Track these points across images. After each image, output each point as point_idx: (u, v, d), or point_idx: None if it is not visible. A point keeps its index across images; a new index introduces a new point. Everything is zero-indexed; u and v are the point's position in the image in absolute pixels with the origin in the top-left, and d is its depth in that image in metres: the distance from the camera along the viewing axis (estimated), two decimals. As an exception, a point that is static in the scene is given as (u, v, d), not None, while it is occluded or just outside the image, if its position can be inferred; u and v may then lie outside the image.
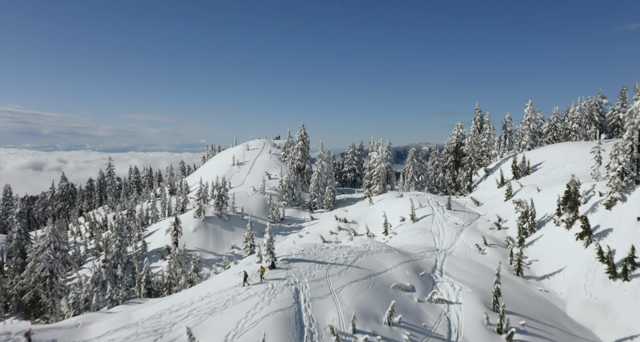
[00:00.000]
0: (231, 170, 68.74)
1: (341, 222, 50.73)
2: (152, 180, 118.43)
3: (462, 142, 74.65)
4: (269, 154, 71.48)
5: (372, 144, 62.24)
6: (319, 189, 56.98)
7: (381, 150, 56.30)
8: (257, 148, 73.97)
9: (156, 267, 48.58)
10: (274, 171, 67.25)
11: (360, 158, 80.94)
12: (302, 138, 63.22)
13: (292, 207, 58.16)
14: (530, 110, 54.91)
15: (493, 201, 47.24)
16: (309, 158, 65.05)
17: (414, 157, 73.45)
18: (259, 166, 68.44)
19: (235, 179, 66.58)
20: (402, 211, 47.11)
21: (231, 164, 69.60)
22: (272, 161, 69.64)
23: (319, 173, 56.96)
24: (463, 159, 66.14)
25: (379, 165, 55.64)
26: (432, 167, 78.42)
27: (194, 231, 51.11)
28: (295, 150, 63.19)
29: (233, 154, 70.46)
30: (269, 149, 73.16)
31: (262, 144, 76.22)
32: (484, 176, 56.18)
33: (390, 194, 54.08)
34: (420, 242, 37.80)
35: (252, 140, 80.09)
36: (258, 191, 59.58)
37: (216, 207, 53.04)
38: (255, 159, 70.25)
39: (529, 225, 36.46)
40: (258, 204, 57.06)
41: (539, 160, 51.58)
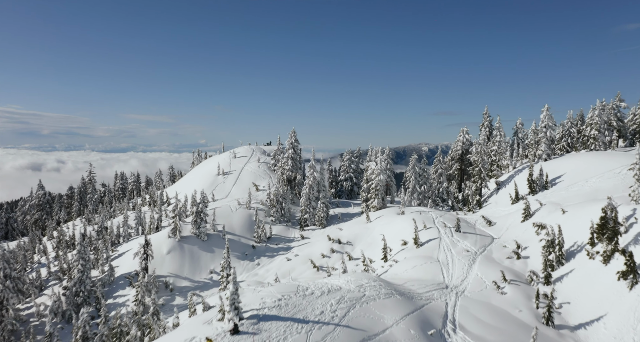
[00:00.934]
0: (216, 180, 62.72)
1: (334, 243, 44.76)
2: (139, 187, 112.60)
3: (468, 149, 68.78)
4: (258, 163, 65.41)
5: (370, 153, 56.23)
6: (310, 204, 50.99)
7: (380, 160, 50.33)
8: (245, 156, 67.90)
9: (123, 295, 42.62)
10: (262, 181, 61.22)
11: (357, 166, 75.00)
12: (292, 146, 57.22)
13: (280, 223, 52.16)
14: (547, 116, 48.98)
15: (507, 221, 41.30)
16: (300, 168, 59.09)
17: (416, 165, 67.57)
18: (246, 176, 62.44)
19: (220, 190, 60.59)
20: (403, 232, 41.15)
21: (216, 173, 63.59)
22: (260, 170, 63.62)
23: (310, 186, 50.98)
24: (470, 169, 60.15)
25: (378, 178, 49.68)
26: (435, 175, 72.48)
27: (167, 253, 45.13)
28: (285, 159, 57.22)
29: (218, 162, 64.39)
30: (257, 156, 67.06)
31: (251, 151, 70.14)
32: (495, 189, 50.23)
33: (390, 211, 48.11)
34: (426, 276, 31.83)
35: (240, 147, 73.94)
36: (243, 205, 53.58)
37: (194, 225, 47.05)
38: (242, 168, 64.23)
39: (555, 256, 30.52)
40: (243, 220, 51.06)
41: (557, 173, 45.65)
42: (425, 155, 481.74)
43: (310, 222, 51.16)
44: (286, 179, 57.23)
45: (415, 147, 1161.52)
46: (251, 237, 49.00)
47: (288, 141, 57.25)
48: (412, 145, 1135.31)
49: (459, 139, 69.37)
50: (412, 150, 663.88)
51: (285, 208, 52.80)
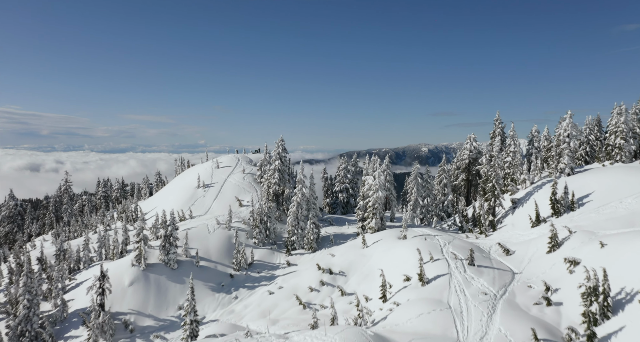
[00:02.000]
0: (195, 193, 56.22)
1: (325, 274, 38.21)
2: (125, 194, 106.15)
3: (476, 158, 62.31)
4: (243, 174, 58.89)
5: (367, 165, 49.72)
6: (298, 224, 44.48)
7: (378, 174, 43.83)
8: (229, 166, 61.33)
9: (76, 336, 36.14)
10: (246, 195, 54.70)
11: (354, 175, 68.51)
12: (279, 156, 50.66)
13: (264, 246, 45.64)
14: (570, 124, 42.53)
15: (529, 249, 34.78)
16: (289, 180, 52.53)
17: (418, 176, 61.05)
18: (228, 189, 55.92)
19: (199, 205, 54.07)
20: (406, 263, 34.66)
21: (196, 185, 57.06)
22: (245, 183, 57.09)
23: (299, 203, 44.44)
24: (481, 183, 53.69)
25: (376, 194, 43.17)
26: (439, 186, 65.95)
27: (129, 285, 38.60)
28: (271, 172, 50.68)
29: (198, 173, 57.78)
30: (242, 167, 60.47)
31: (235, 160, 63.55)
32: (511, 208, 43.73)
33: (389, 233, 41.57)
34: (435, 329, 25.34)
35: (223, 155, 67.26)
36: (222, 225, 47.07)
37: (162, 251, 40.54)
38: (225, 180, 57.69)
39: (599, 307, 24.08)
40: (221, 243, 44.53)
41: (585, 191, 39.19)
42: (425, 156, 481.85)
43: (298, 244, 44.64)
44: (272, 194, 50.70)
45: (414, 147, 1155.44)
46: (230, 263, 42.46)
47: (275, 151, 50.71)
48: (411, 146, 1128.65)
49: (465, 147, 62.90)
50: (411, 151, 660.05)
51: (270, 228, 46.29)
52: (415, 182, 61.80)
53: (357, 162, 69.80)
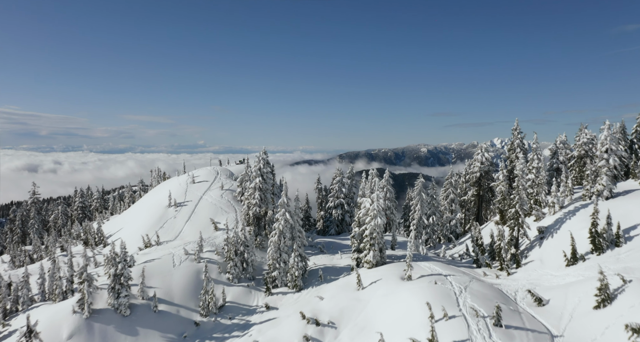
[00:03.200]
0: (165, 214, 48.65)
1: (310, 325, 30.65)
2: (105, 204, 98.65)
3: (488, 171, 54.86)
4: (221, 190, 51.26)
5: (364, 184, 42.14)
6: (280, 256, 36.93)
7: (376, 197, 36.22)
8: (207, 180, 53.71)
9: None
10: (224, 216, 47.16)
11: (350, 189, 61.04)
12: (260, 172, 43.05)
13: (240, 283, 38.11)
14: (609, 137, 35.09)
15: (568, 299, 27.28)
16: (273, 199, 44.99)
17: (422, 191, 53.68)
18: (204, 209, 48.36)
19: (169, 228, 46.52)
20: (412, 320, 27.14)
21: (167, 204, 49.46)
22: (223, 201, 49.50)
23: (281, 231, 36.88)
24: (497, 201, 46.28)
25: (374, 222, 35.62)
26: (446, 202, 58.51)
27: (68, 339, 31.07)
28: (251, 191, 43.13)
29: (169, 190, 50.12)
30: (220, 182, 52.83)
31: (214, 174, 55.90)
32: (537, 237, 36.24)
33: (390, 272, 33.98)
34: None
35: (201, 168, 59.46)
36: (191, 255, 39.57)
37: (111, 294, 33.01)
38: (200, 198, 50.12)
39: None
40: (187, 279, 36.99)
41: (631, 220, 31.73)
42: (424, 156, 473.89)
43: (280, 281, 37.11)
44: (252, 217, 43.14)
45: (414, 148, 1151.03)
46: (196, 306, 34.91)
47: (255, 166, 43.11)
48: (411, 146, 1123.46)
49: (476, 159, 55.43)
50: (411, 151, 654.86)
51: (248, 260, 38.77)
52: (419, 198, 54.49)
53: (354, 175, 62.29)
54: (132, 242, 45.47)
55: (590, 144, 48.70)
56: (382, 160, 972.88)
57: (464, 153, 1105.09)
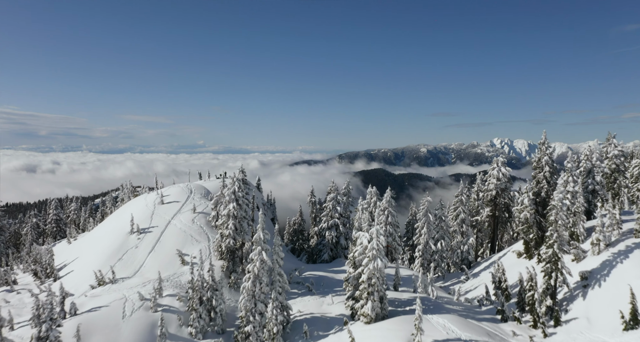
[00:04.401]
0: (126, 242, 41.01)
1: None
2: (81, 218, 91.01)
3: (506, 188, 47.37)
4: (193, 214, 43.56)
5: (360, 213, 34.49)
6: (255, 307, 29.34)
7: (375, 233, 28.60)
8: (177, 201, 45.96)
9: None
10: (194, 246, 39.53)
11: (346, 207, 53.51)
12: (235, 197, 35.36)
13: (207, 338, 30.51)
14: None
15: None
16: (252, 228, 37.32)
17: (429, 212, 46.18)
18: (171, 237, 40.71)
19: (129, 261, 38.90)
20: None
21: (128, 230, 41.80)
22: (194, 227, 41.82)
23: (256, 276, 29.28)
24: (520, 230, 38.83)
25: (373, 264, 28.04)
26: (455, 223, 51.00)
27: None
28: (224, 219, 35.50)
29: (132, 214, 42.40)
30: (192, 204, 45.02)
31: (187, 192, 48.10)
32: (579, 284, 28.68)
33: (393, 333, 26.26)
34: None
35: (172, 186, 51.47)
36: (147, 300, 31.99)
37: (32, 365, 25.42)
38: (169, 222, 42.44)
39: None
40: (139, 337, 29.37)
41: None
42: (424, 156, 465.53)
43: (256, 338, 29.48)
44: (226, 250, 35.52)
45: (413, 148, 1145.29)
46: (146, 375, 27.38)
47: (229, 188, 35.45)
48: (410, 147, 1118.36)
49: (491, 175, 47.90)
50: (410, 151, 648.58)
51: (216, 308, 31.20)
52: (425, 220, 47.01)
53: (350, 191, 54.71)
54: (84, 278, 38.01)
55: (622, 157, 41.32)
56: (382, 160, 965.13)
57: (463, 153, 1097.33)
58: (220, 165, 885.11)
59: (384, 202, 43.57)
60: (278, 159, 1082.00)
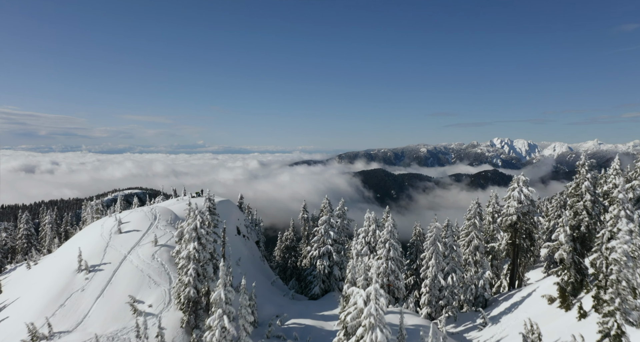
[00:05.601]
0: (72, 283, 33.69)
1: None
2: (58, 230, 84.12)
3: (528, 212, 40.15)
4: (154, 247, 36.16)
5: (354, 264, 27.08)
6: (216, 390, 22.06)
7: (374, 293, 21.34)
8: (138, 229, 38.50)
9: None
10: (152, 290, 32.20)
11: (341, 232, 46.26)
12: (197, 235, 28.00)
13: None
14: None
15: None
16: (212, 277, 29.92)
17: (438, 241, 39.01)
18: (125, 277, 33.35)
19: (71, 309, 31.57)
20: None
21: (75, 269, 34.45)
22: (154, 265, 34.41)
23: (217, 350, 21.97)
24: (560, 273, 31.67)
25: (371, 336, 20.81)
26: (468, 251, 43.80)
27: None
28: (183, 262, 28.15)
29: (80, 248, 35.00)
30: (154, 232, 37.63)
31: (150, 218, 40.61)
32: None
33: None
34: None
35: (133, 211, 43.79)
36: (82, 373, 24.69)
37: None
38: (124, 258, 35.06)
39: None
40: None
41: None
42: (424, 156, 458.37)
43: None
44: (185, 301, 28.20)
45: (413, 148, 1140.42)
46: None
47: (189, 225, 28.12)
48: (410, 147, 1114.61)
49: (512, 196, 40.64)
50: (410, 151, 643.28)
51: (168, 385, 23.94)
52: (433, 250, 39.85)
53: (345, 212, 47.42)
54: (17, 331, 30.75)
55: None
56: (382, 160, 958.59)
57: (463, 153, 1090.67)
58: (220, 166, 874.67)
59: (384, 233, 36.26)
60: (278, 159, 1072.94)
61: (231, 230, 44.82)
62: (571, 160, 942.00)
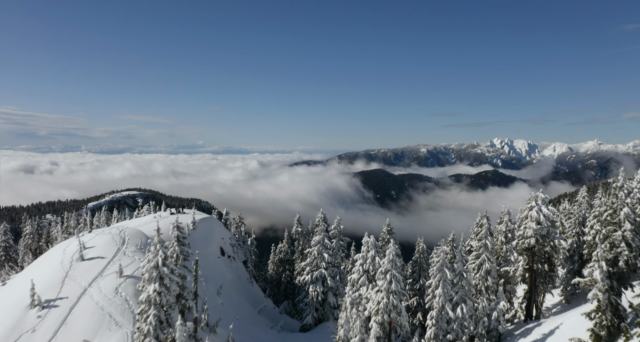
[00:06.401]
0: (23, 321, 28.92)
1: None
2: (37, 242, 79.81)
3: (548, 235, 35.43)
4: (118, 278, 31.32)
5: (348, 315, 22.38)
6: None
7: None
8: (102, 256, 33.61)
9: None
10: (113, 333, 27.46)
11: (336, 253, 41.47)
12: (159, 274, 23.21)
13: None
14: None
15: None
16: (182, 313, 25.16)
17: (445, 267, 34.57)
18: (83, 315, 28.59)
19: (18, 355, 26.81)
20: None
21: (28, 304, 29.67)
22: (117, 301, 29.57)
23: None
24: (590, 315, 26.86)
25: None
26: (478, 275, 39.17)
27: None
28: (143, 307, 23.27)
29: (32, 280, 30.21)
30: (119, 264, 32.79)
31: (118, 242, 35.68)
32: None
33: None
34: None
35: (99, 233, 38.59)
36: None
37: None
38: (84, 291, 30.26)
39: None
40: None
41: None
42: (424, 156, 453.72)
43: None
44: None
45: (413, 148, 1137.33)
46: None
47: (150, 261, 23.32)
48: (410, 147, 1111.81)
49: (529, 216, 35.90)
50: (410, 151, 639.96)
51: None
52: (441, 277, 35.26)
53: (341, 230, 42.63)
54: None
55: None
56: (382, 160, 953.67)
57: (463, 153, 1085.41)
58: (220, 166, 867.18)
59: (385, 262, 31.44)
60: (277, 160, 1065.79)
61: (214, 252, 40.05)
62: (571, 161, 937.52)
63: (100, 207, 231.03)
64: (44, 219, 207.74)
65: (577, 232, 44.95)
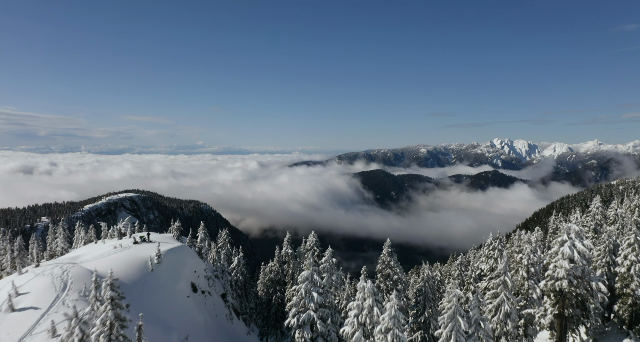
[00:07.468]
0: None
1: None
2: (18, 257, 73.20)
3: (583, 275, 29.08)
4: (50, 338, 25.08)
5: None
6: None
7: None
8: (37, 307, 26.78)
9: None
10: None
11: (328, 292, 35.11)
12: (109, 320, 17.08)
13: None
14: None
15: None
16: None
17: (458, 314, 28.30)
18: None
19: None
20: None
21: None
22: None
23: None
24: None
25: None
26: (495, 319, 32.95)
27: None
28: None
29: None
30: (65, 299, 26.26)
31: (58, 287, 29.03)
32: None
33: None
34: None
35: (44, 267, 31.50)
36: None
37: None
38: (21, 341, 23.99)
39: None
40: None
41: None
42: (424, 157, 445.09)
43: None
44: None
45: (413, 149, 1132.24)
46: None
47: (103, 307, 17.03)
48: (410, 147, 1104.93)
49: (560, 253, 29.55)
50: (410, 152, 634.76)
51: None
52: (453, 326, 28.99)
53: (333, 264, 36.23)
54: None
55: None
56: (381, 161, 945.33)
57: (463, 154, 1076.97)
58: (219, 167, 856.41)
59: (386, 318, 25.08)
60: (277, 160, 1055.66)
61: (182, 290, 33.71)
62: (571, 161, 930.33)
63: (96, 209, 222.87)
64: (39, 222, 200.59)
65: (607, 261, 38.78)
